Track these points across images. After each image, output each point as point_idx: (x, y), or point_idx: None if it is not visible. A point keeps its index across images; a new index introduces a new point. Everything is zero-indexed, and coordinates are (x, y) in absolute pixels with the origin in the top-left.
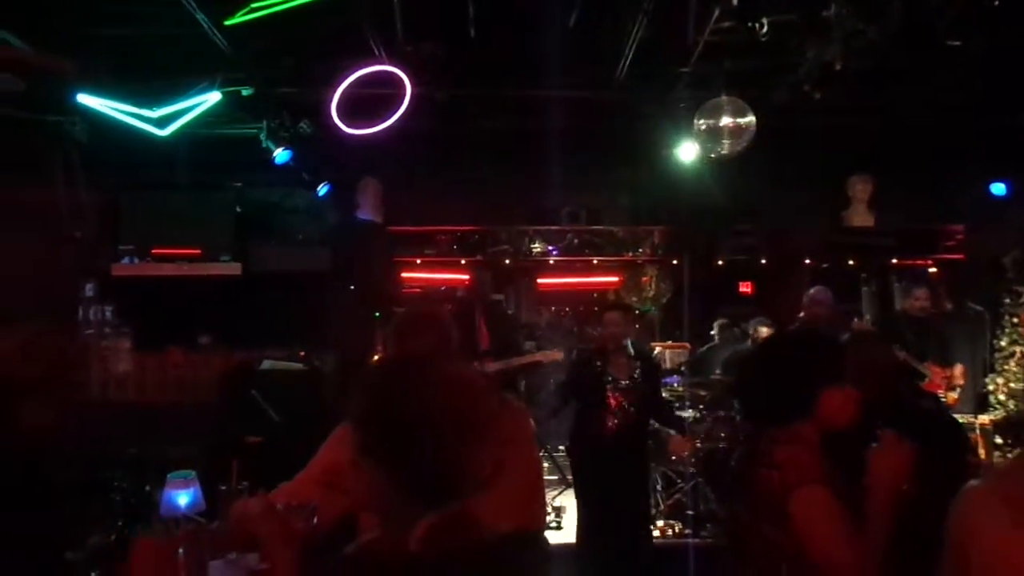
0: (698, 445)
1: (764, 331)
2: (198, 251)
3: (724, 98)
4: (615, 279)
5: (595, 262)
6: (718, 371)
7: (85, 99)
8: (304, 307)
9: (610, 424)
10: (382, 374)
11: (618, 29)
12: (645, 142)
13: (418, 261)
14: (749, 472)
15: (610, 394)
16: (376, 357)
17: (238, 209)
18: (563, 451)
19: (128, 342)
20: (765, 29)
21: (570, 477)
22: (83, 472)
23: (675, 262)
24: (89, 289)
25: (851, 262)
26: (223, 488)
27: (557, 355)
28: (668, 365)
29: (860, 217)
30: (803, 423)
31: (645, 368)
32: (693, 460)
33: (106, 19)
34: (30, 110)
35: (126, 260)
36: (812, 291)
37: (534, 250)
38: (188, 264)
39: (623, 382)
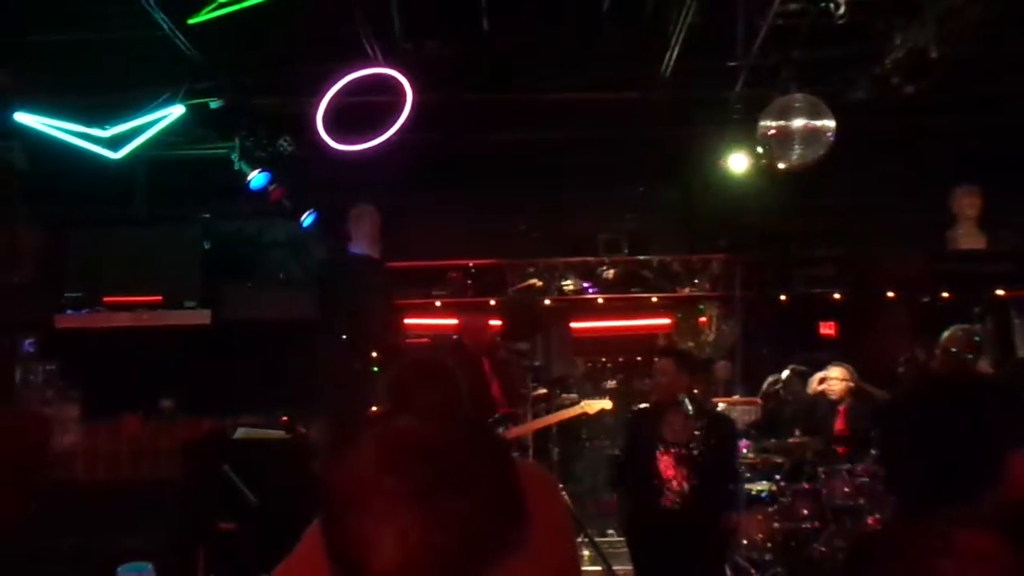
0: (775, 526)
1: (834, 373)
2: (158, 297)
3: (797, 96)
4: (666, 321)
5: (642, 300)
6: (797, 432)
7: (22, 118)
8: (286, 362)
9: (666, 501)
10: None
11: (662, 15)
12: (697, 152)
13: (438, 303)
14: (914, 565)
15: (662, 463)
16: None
17: (206, 245)
18: (611, 535)
19: (75, 408)
20: (843, 10)
21: (616, 568)
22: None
23: (738, 298)
24: (28, 345)
25: (957, 294)
26: None
27: (607, 404)
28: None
29: (968, 238)
30: (985, 496)
31: (711, 429)
32: (770, 545)
33: (45, 22)
34: None
35: (72, 311)
36: (949, 332)
37: (566, 287)
38: (147, 313)
39: (679, 447)
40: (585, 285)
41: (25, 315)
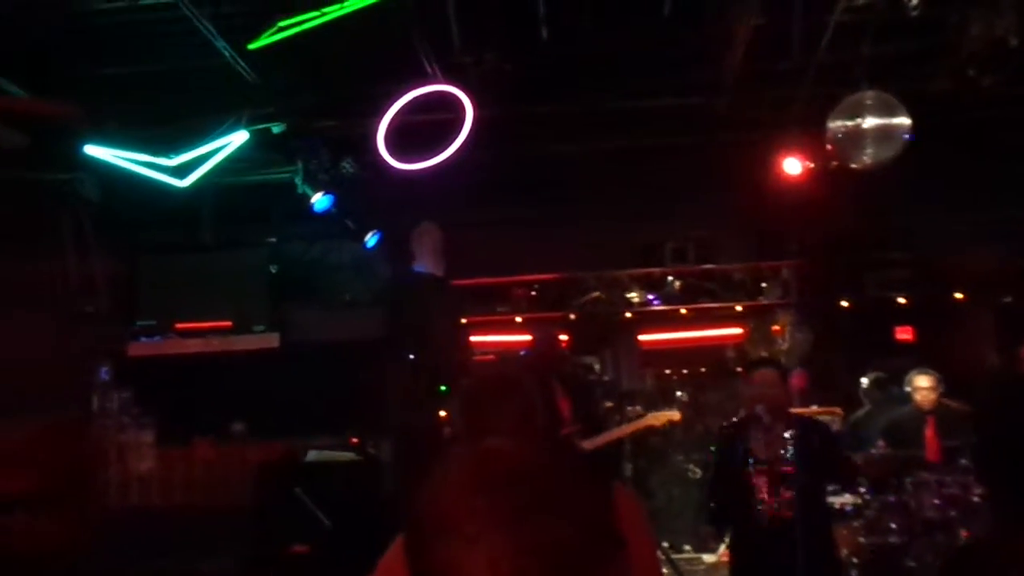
0: (861, 540)
1: (924, 383)
2: (228, 323)
3: (867, 93)
4: (738, 330)
5: (713, 310)
6: (880, 442)
7: (93, 150)
8: (355, 383)
9: (762, 519)
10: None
11: (724, 18)
12: (764, 157)
13: (519, 319)
14: None
15: (754, 479)
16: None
17: (273, 269)
18: (687, 551)
19: (150, 434)
20: (916, 1)
21: None
22: None
23: (810, 305)
24: (104, 373)
25: None
26: None
27: (674, 415)
28: None
29: None
30: None
31: (805, 439)
32: (856, 561)
33: (112, 56)
34: (35, 168)
35: (145, 338)
36: None
37: (631, 299)
38: (217, 338)
39: (770, 462)
40: (650, 297)
41: (100, 344)
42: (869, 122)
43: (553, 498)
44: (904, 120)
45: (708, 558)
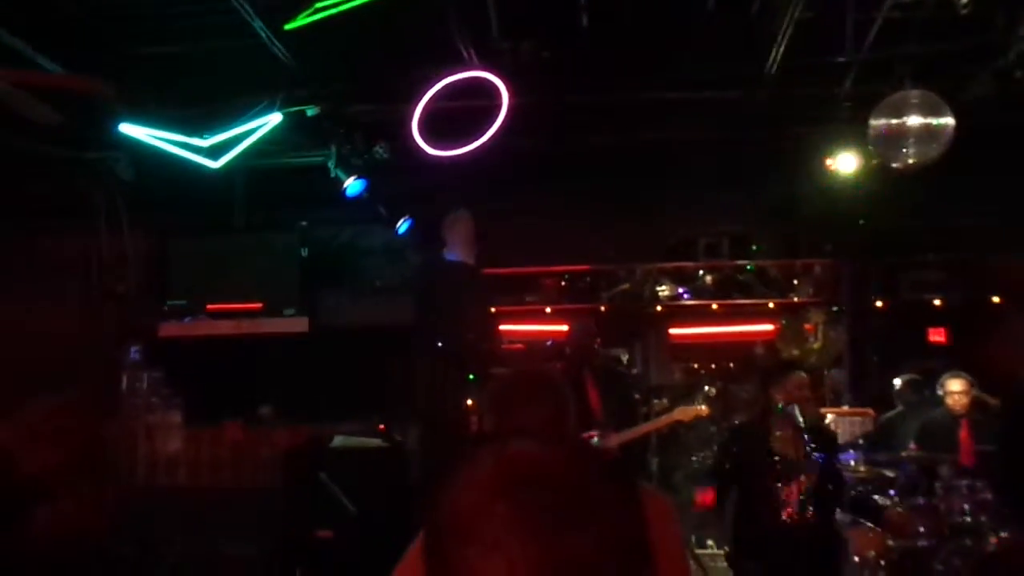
0: (890, 543)
1: (956, 387)
2: (259, 305)
3: (912, 92)
4: (770, 327)
5: (746, 306)
6: (912, 444)
7: (128, 129)
8: (383, 369)
9: (781, 518)
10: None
11: (768, 10)
12: (803, 153)
13: (548, 310)
14: None
15: (780, 478)
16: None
17: (304, 252)
18: (710, 547)
19: (179, 415)
20: (965, 0)
21: None
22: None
23: (842, 306)
24: (134, 353)
25: None
26: None
27: (702, 410)
28: (843, 438)
29: None
30: None
31: (818, 442)
32: (883, 563)
33: (147, 35)
34: (68, 146)
35: (175, 319)
36: None
37: (660, 293)
38: (248, 320)
39: (794, 462)
40: (681, 291)
41: (130, 323)
42: (912, 121)
43: (579, 508)
44: (949, 120)
45: None
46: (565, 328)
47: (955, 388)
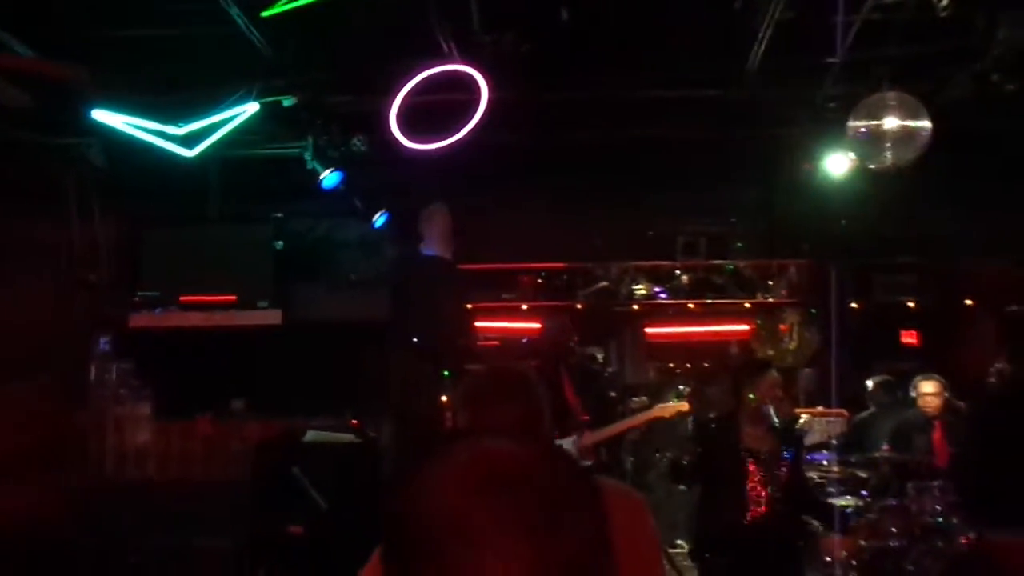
0: (861, 544)
1: (929, 388)
2: (233, 297)
3: (890, 94)
4: (745, 327)
5: (722, 306)
6: (885, 446)
7: (101, 115)
8: (357, 364)
9: (749, 514)
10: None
11: (750, 9)
12: (782, 154)
13: (524, 307)
14: None
15: (749, 474)
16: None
17: (278, 245)
18: (681, 546)
19: (148, 407)
20: (946, 2)
21: None
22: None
23: (815, 307)
24: (103, 343)
25: None
26: None
27: (683, 406)
28: (817, 438)
29: None
30: None
31: (787, 440)
32: (855, 563)
33: (121, 19)
34: (39, 131)
35: (146, 310)
36: None
37: (636, 292)
38: (220, 313)
39: (765, 459)
40: (657, 290)
41: (101, 313)
42: (889, 123)
43: (564, 508)
44: (926, 123)
45: None
46: (540, 326)
47: (927, 390)
